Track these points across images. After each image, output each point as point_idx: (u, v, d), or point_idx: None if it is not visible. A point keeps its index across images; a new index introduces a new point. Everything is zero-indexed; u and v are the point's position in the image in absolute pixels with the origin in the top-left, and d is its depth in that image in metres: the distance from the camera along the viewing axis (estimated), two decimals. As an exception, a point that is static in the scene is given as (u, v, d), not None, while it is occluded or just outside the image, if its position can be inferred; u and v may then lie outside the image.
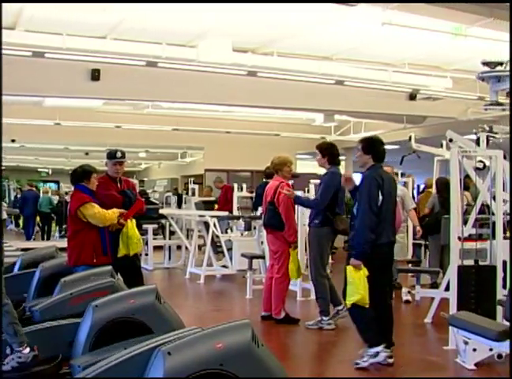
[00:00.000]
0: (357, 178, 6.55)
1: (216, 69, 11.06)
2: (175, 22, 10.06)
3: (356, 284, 5.91)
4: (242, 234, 12.42)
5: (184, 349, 3.27)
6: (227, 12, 9.53)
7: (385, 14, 8.74)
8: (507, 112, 4.47)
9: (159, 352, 3.26)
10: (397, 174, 11.93)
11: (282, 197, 7.99)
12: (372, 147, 6.34)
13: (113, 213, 6.97)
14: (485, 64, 3.90)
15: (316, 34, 10.71)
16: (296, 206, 8.59)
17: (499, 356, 6.12)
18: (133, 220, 7.30)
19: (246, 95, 12.57)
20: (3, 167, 17.77)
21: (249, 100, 13.01)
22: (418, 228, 10.33)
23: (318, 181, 12.89)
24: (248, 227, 11.53)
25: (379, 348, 6.09)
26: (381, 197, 6.07)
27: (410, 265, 10.33)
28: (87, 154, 23.49)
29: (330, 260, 9.98)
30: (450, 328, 6.19)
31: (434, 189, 10.91)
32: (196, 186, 17.93)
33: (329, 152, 7.88)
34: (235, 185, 14.28)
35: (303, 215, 9.21)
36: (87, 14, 9.54)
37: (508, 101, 4.16)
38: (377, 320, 6.09)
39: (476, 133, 7.37)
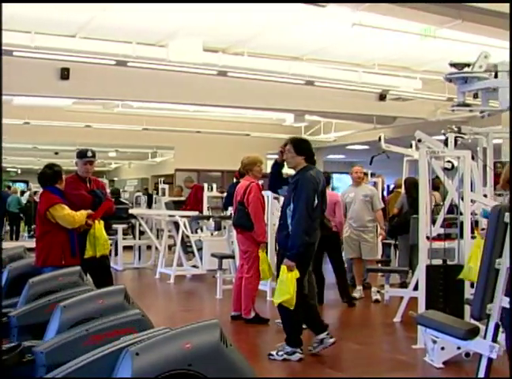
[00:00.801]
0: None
1: (186, 68, 11.05)
2: (146, 21, 10.03)
3: (287, 284, 6.05)
4: (212, 234, 12.40)
5: (152, 349, 3.25)
6: (197, 12, 9.51)
7: (355, 15, 8.78)
8: (475, 113, 4.51)
9: (127, 352, 3.24)
10: (366, 174, 11.99)
11: (252, 196, 8.00)
12: (304, 148, 6.43)
13: (81, 215, 6.91)
14: (452, 65, 3.93)
15: (286, 34, 10.74)
16: (266, 206, 8.61)
17: (467, 355, 6.19)
18: (101, 221, 7.26)
19: (217, 95, 12.57)
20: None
21: (219, 100, 13.01)
22: (380, 231, 10.36)
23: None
24: (218, 227, 11.51)
25: (297, 349, 6.34)
26: (316, 201, 6.20)
27: (380, 265, 10.39)
28: (56, 153, 23.27)
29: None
30: (419, 327, 6.23)
31: (403, 189, 10.97)
32: (166, 186, 17.87)
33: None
34: (205, 185, 14.26)
35: (272, 216, 9.22)
36: (56, 12, 9.47)
37: (475, 102, 4.20)
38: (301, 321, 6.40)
39: (444, 134, 7.42)
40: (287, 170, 6.81)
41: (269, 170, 7.27)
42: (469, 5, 7.40)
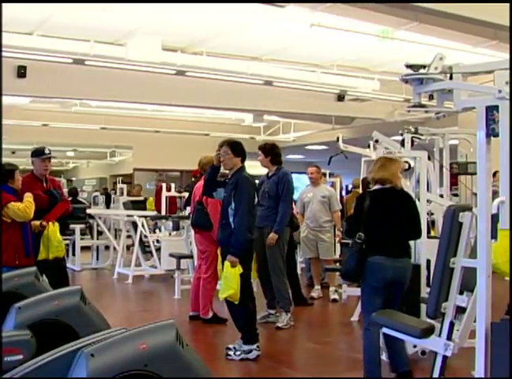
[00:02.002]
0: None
1: (145, 67, 10.99)
2: (104, 20, 9.94)
3: (231, 280, 6.22)
4: (170, 234, 12.37)
5: (108, 350, 3.23)
6: (157, 11, 9.46)
7: (313, 16, 8.82)
8: (433, 114, 4.57)
9: (82, 354, 3.21)
10: (324, 174, 12.05)
11: None
12: (241, 149, 6.67)
13: (30, 203, 6.78)
14: (408, 67, 3.96)
15: (245, 34, 10.74)
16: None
17: (423, 353, 6.27)
18: (56, 223, 7.19)
19: (175, 95, 12.53)
20: None
21: (178, 100, 12.98)
22: (338, 232, 10.43)
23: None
24: (176, 227, 11.47)
25: (253, 346, 6.42)
26: (256, 199, 6.60)
27: (338, 264, 10.44)
28: (13, 153, 22.98)
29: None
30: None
31: (361, 190, 11.04)
32: (124, 186, 17.77)
33: (272, 152, 8.17)
34: (164, 185, 14.19)
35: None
36: (13, 10, 9.34)
37: (430, 103, 4.24)
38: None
39: (401, 134, 7.49)
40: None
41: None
42: (426, 7, 7.48)
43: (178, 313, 9.03)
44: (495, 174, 3.97)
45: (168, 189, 14.12)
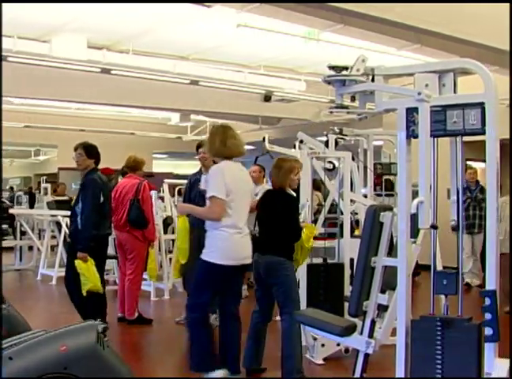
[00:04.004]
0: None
1: (69, 65, 10.80)
2: (28, 15, 9.73)
3: (87, 274, 6.72)
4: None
5: (26, 353, 3.16)
6: (82, 7, 9.32)
7: (240, 16, 8.82)
8: (353, 115, 4.64)
9: (-1, 357, 3.15)
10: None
11: (146, 195, 8.03)
12: (95, 152, 7.16)
13: None
14: (331, 68, 4.01)
15: (172, 33, 10.67)
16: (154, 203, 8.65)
17: (346, 350, 6.37)
18: None
19: (100, 93, 12.38)
20: None
21: (103, 98, 12.83)
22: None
23: (174, 180, 12.92)
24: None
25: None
26: (102, 199, 7.02)
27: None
28: None
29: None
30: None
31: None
32: (48, 185, 17.44)
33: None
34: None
35: (156, 215, 9.18)
36: None
37: (353, 104, 4.30)
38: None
39: (326, 135, 7.58)
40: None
41: (155, 169, 7.33)
42: (352, 10, 7.56)
43: (103, 314, 8.91)
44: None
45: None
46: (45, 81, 11.66)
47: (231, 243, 5.33)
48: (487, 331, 3.55)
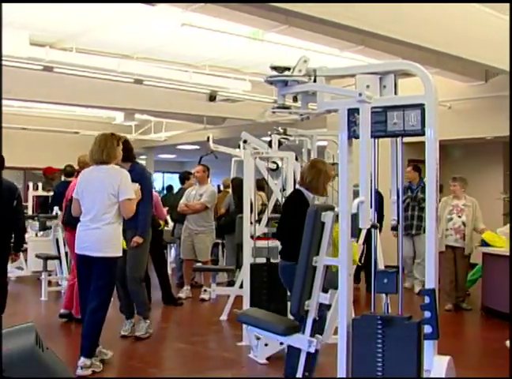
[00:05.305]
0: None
1: (10, 62, 10.61)
2: (-34, 11, 9.55)
3: None
4: (37, 235, 12.03)
5: (-37, 356, 3.10)
6: (25, 3, 9.16)
7: (184, 15, 8.79)
8: (296, 116, 4.67)
9: None
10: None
11: None
12: None
13: None
14: (273, 68, 4.03)
15: (117, 31, 10.56)
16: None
17: (289, 350, 6.40)
18: None
19: (42, 91, 12.19)
20: None
21: (45, 96, 12.63)
22: None
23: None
24: (43, 227, 11.14)
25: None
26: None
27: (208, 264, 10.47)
28: None
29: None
30: (244, 324, 6.36)
31: (231, 190, 11.15)
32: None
33: (123, 147, 6.61)
34: (31, 184, 13.77)
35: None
36: None
37: (295, 104, 4.33)
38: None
39: (270, 135, 7.61)
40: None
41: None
42: (296, 11, 7.60)
43: (45, 315, 8.82)
44: None
45: (36, 189, 13.72)
46: (-15, 78, 11.45)
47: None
48: (427, 329, 3.61)
